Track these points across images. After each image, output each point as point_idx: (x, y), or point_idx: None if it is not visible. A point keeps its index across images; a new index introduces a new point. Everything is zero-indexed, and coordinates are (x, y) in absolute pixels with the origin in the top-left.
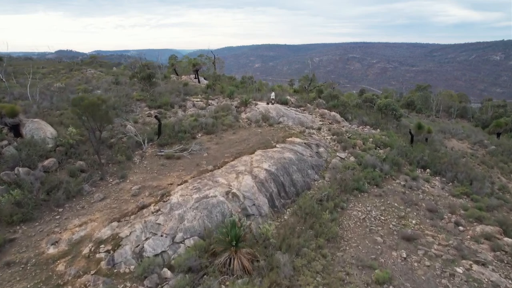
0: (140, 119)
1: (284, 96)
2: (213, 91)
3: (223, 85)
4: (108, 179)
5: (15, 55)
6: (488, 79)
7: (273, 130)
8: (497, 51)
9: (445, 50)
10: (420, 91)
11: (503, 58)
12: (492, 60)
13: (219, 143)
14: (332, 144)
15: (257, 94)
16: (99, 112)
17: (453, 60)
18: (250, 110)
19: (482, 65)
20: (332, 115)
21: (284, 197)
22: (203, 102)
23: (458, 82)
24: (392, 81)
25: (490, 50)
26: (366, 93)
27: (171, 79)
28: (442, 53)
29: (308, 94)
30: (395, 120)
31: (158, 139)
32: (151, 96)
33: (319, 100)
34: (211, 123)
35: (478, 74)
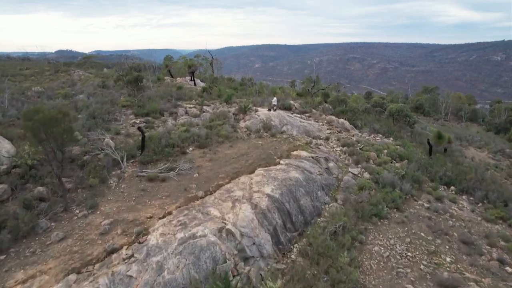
0: (123, 130)
1: (287, 100)
2: (210, 95)
3: (221, 88)
4: (74, 210)
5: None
6: (489, 80)
7: (275, 141)
8: (497, 51)
9: (445, 50)
10: (427, 93)
11: (504, 59)
12: (493, 60)
13: (213, 160)
14: (343, 157)
15: (257, 98)
16: (58, 128)
17: (453, 61)
18: (249, 117)
19: (483, 65)
20: (341, 122)
21: (291, 229)
22: (196, 109)
23: (458, 82)
24: (392, 82)
25: (490, 51)
26: (373, 96)
27: (164, 82)
28: (442, 53)
29: (313, 97)
30: (408, 127)
31: (141, 155)
32: (138, 102)
33: (325, 105)
34: (205, 135)
35: (479, 75)
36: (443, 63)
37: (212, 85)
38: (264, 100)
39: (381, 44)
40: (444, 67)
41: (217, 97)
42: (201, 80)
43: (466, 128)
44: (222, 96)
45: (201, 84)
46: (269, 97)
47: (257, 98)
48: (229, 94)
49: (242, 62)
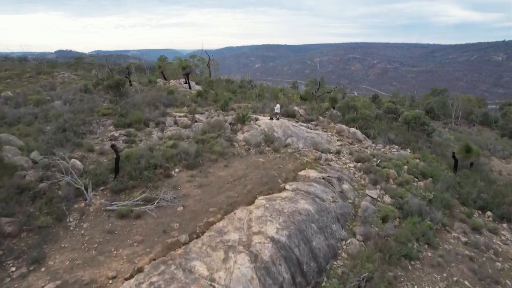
0: (98, 145)
1: (290, 106)
2: (205, 99)
3: (218, 92)
4: (9, 267)
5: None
6: (490, 80)
7: (279, 158)
8: (498, 52)
9: (446, 51)
10: (435, 95)
11: (505, 59)
12: (494, 60)
13: (203, 185)
14: (358, 175)
15: (257, 103)
16: None
17: (454, 61)
18: (248, 128)
19: (484, 65)
20: (352, 132)
21: (301, 284)
22: (187, 118)
23: (459, 82)
24: (393, 82)
25: (491, 51)
26: (380, 99)
27: (156, 85)
28: (443, 54)
29: (317, 101)
30: (426, 137)
31: (115, 180)
32: (121, 110)
33: (333, 111)
34: (195, 152)
35: (479, 75)
36: (444, 64)
37: (208, 88)
38: (265, 106)
39: (382, 44)
40: (445, 67)
41: (213, 102)
42: (197, 82)
43: (479, 133)
44: (218, 101)
45: (197, 87)
46: (271, 102)
47: (257, 103)
48: (226, 100)
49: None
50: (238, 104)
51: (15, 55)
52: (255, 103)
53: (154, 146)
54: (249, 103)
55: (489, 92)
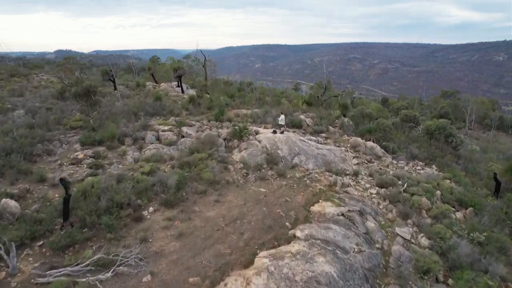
0: (53, 172)
1: (295, 114)
2: (198, 106)
3: (213, 98)
4: None
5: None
6: (491, 80)
7: (286, 186)
8: (499, 52)
9: (446, 51)
10: (446, 98)
11: (506, 59)
12: (495, 60)
13: (184, 235)
14: (382, 205)
15: (258, 107)
16: None
17: (455, 61)
18: (247, 145)
19: (485, 65)
20: (369, 146)
21: None
22: (173, 133)
23: (460, 83)
24: (393, 82)
25: (492, 51)
26: (389, 103)
27: (145, 89)
28: (443, 54)
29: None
30: (452, 149)
31: (61, 229)
32: (94, 122)
33: (345, 120)
34: (176, 182)
35: (481, 75)
36: (445, 64)
37: (201, 93)
38: (267, 114)
39: (382, 44)
40: (446, 67)
41: (207, 110)
42: (192, 85)
43: (495, 139)
44: (213, 108)
45: (191, 91)
46: (273, 109)
47: (257, 111)
48: (221, 108)
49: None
50: (236, 111)
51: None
52: (255, 110)
53: (125, 174)
54: (249, 109)
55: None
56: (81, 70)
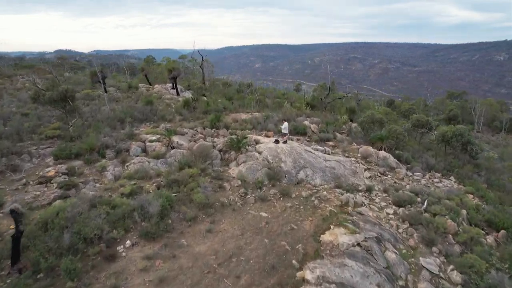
0: (15, 194)
1: (299, 119)
2: (194, 111)
3: (210, 101)
4: None
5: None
6: (492, 80)
7: (290, 209)
8: (500, 51)
9: (447, 50)
10: (452, 99)
11: (507, 58)
12: (496, 60)
13: (166, 281)
14: (402, 229)
15: (258, 110)
16: None
17: (455, 61)
18: (245, 157)
19: (486, 65)
20: (382, 156)
21: None
22: (161, 143)
23: (461, 82)
24: (394, 82)
25: (493, 50)
26: (395, 105)
27: (138, 91)
28: (444, 53)
29: (327, 109)
30: (470, 158)
31: (8, 275)
32: (74, 131)
33: (352, 125)
34: (160, 208)
35: (481, 75)
36: (445, 63)
37: (197, 95)
38: (268, 120)
39: (382, 44)
40: (446, 67)
41: (203, 115)
42: (188, 87)
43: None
44: (210, 113)
45: (187, 93)
46: (274, 113)
47: (257, 115)
48: (217, 114)
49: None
50: (234, 116)
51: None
52: (254, 115)
53: (101, 197)
54: (248, 112)
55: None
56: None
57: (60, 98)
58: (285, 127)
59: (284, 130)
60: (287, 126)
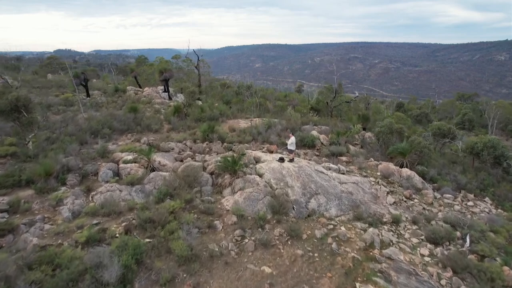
0: None
1: (306, 130)
2: (185, 118)
3: (205, 106)
4: None
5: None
6: (493, 80)
7: (302, 260)
8: (501, 51)
9: (447, 50)
10: (463, 101)
11: (508, 58)
12: (497, 60)
13: None
14: (444, 280)
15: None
16: None
17: (456, 60)
18: (243, 183)
19: (487, 65)
20: (406, 175)
21: None
22: (139, 165)
23: (462, 82)
24: (394, 82)
25: (494, 50)
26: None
27: (125, 95)
28: (445, 53)
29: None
30: (504, 174)
31: None
32: (33, 148)
33: (365, 134)
34: (122, 271)
35: (482, 75)
36: (446, 63)
37: (190, 101)
38: (271, 130)
39: (383, 44)
40: (447, 67)
41: (196, 123)
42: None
43: None
44: (204, 120)
45: (180, 97)
46: (276, 121)
47: (257, 123)
48: (211, 123)
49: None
50: (232, 123)
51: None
52: (254, 122)
53: (43, 250)
54: (248, 117)
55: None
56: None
57: (10, 108)
58: (292, 142)
59: (290, 146)
60: (294, 142)
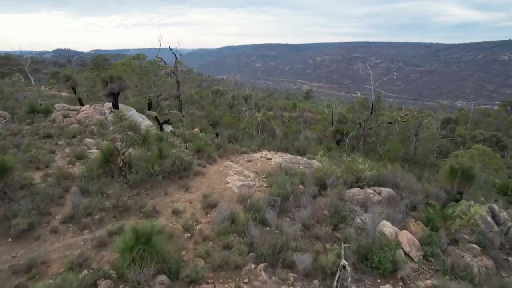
0: None
1: (348, 194)
2: (122, 175)
3: (163, 147)
4: None
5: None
6: (497, 80)
7: None
8: (505, 51)
9: (450, 50)
10: (510, 110)
11: None
12: (500, 60)
13: None
14: None
15: (258, 148)
16: None
17: (459, 60)
18: None
19: (490, 65)
20: None
21: None
22: None
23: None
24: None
25: (497, 50)
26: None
27: (47, 119)
28: (447, 53)
29: (366, 139)
30: None
31: None
32: None
33: (477, 217)
34: None
35: (486, 75)
36: (449, 63)
37: (132, 142)
38: (289, 202)
39: (384, 44)
40: (450, 67)
41: (139, 188)
42: (149, 102)
43: None
44: (157, 179)
45: (144, 120)
46: (291, 155)
47: (254, 155)
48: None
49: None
50: (212, 177)
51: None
52: (253, 202)
53: None
54: (244, 152)
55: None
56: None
57: None
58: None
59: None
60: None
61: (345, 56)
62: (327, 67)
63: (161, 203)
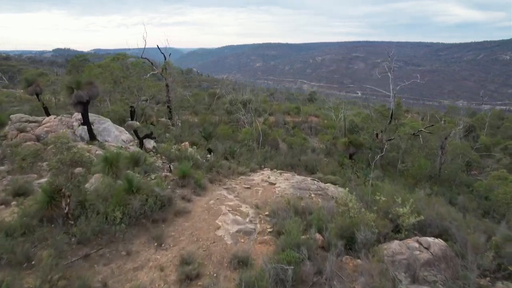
0: None
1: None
2: (70, 227)
3: (133, 180)
4: None
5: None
6: (499, 80)
7: None
8: (506, 51)
9: (451, 50)
10: None
11: None
12: (502, 59)
13: None
14: None
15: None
16: None
17: (460, 60)
18: None
19: (491, 65)
20: None
21: None
22: None
23: (467, 82)
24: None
25: (498, 50)
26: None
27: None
28: (448, 53)
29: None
30: None
31: None
32: None
33: None
34: None
35: (487, 75)
36: (450, 63)
37: (109, 163)
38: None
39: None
40: (451, 66)
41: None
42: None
43: None
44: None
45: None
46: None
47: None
48: None
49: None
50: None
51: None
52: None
53: None
54: (246, 171)
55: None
56: None
57: None
58: None
59: None
60: None
61: (345, 56)
62: (327, 67)
63: (117, 273)
